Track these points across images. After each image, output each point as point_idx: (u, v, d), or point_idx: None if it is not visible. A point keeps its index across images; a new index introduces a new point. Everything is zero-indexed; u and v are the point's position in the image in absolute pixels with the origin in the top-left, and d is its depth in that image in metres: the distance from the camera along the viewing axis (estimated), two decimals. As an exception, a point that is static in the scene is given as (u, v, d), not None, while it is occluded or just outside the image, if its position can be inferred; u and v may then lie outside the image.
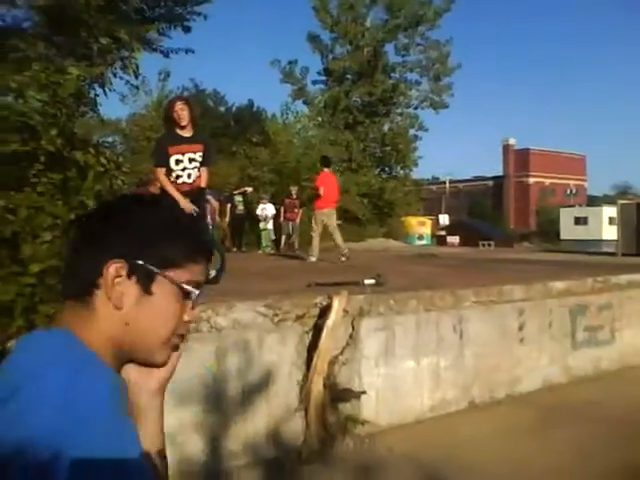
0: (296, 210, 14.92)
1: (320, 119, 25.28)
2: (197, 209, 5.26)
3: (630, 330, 7.15)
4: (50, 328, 0.92)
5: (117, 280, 0.90)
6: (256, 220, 15.12)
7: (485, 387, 5.72)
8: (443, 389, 5.42)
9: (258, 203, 15.27)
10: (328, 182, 10.49)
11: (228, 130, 22.59)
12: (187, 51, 7.74)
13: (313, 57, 28.15)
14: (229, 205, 14.73)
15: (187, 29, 7.76)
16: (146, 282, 0.92)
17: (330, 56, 27.57)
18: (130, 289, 0.91)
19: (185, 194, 5.27)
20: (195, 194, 5.35)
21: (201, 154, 5.38)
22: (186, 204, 5.13)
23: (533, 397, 5.92)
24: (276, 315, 4.68)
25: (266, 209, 15.12)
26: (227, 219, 14.63)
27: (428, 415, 5.25)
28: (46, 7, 5.31)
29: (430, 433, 4.91)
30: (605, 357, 6.85)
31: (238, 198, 15.03)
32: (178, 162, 5.29)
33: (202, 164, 5.43)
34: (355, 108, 26.92)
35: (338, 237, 10.46)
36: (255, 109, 24.22)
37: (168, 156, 5.27)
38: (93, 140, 4.85)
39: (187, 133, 5.35)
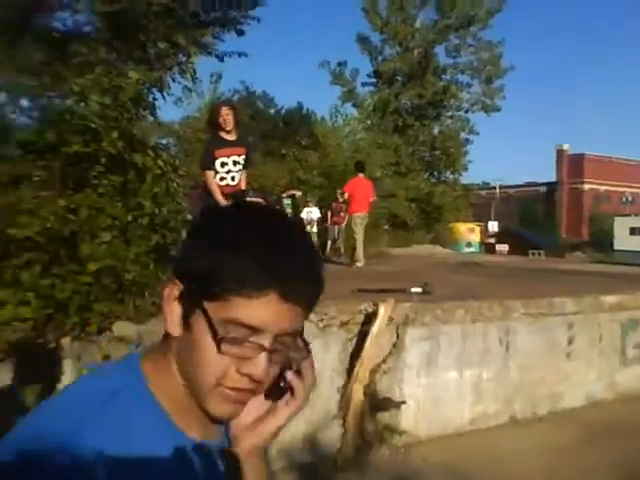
0: (342, 214, 14.82)
1: (369, 122, 25.16)
2: None
3: (685, 349, 6.88)
4: (125, 359, 0.85)
5: (170, 303, 0.78)
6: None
7: (527, 402, 5.63)
8: (485, 402, 5.37)
9: (304, 206, 15.33)
10: (359, 187, 10.56)
11: (277, 132, 22.78)
12: (240, 54, 7.89)
13: (363, 59, 28.05)
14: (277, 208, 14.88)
15: (241, 32, 7.90)
16: (187, 312, 0.76)
17: (380, 58, 27.41)
18: (175, 317, 0.78)
19: (227, 196, 5.39)
20: (237, 196, 5.46)
21: (244, 157, 5.53)
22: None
23: (577, 413, 5.79)
24: (321, 321, 4.72)
25: (312, 212, 15.16)
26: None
27: (468, 428, 5.21)
28: (108, 12, 5.50)
29: (468, 446, 4.87)
30: (656, 376, 6.63)
31: (286, 201, 15.10)
32: (223, 165, 5.44)
33: (244, 167, 5.57)
34: (404, 111, 26.68)
35: (361, 244, 10.55)
36: (304, 112, 24.32)
37: (214, 159, 5.42)
38: (151, 142, 5.01)
39: (232, 137, 5.50)
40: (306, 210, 15.26)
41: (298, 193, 15.59)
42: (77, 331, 3.62)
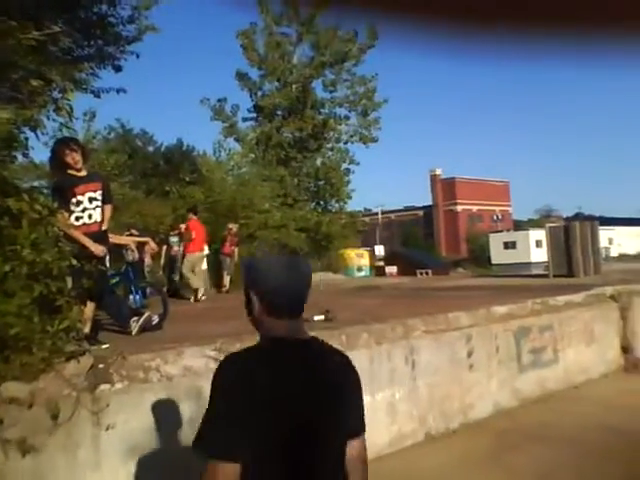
0: (233, 247, 14.74)
1: (253, 155, 25.31)
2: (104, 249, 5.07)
3: (572, 349, 7.39)
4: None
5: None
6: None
7: (440, 417, 5.73)
8: (400, 422, 5.38)
9: (193, 243, 14.95)
10: (198, 227, 12.14)
11: (158, 170, 22.13)
12: (119, 91, 7.57)
13: (242, 94, 28.29)
14: (165, 247, 14.33)
15: (118, 68, 7.61)
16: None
17: (259, 93, 27.82)
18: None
19: (90, 236, 4.98)
20: (98, 235, 5.07)
21: (101, 192, 5.11)
22: (96, 246, 4.94)
23: (486, 423, 5.97)
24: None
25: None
26: (162, 261, 14.17)
27: (387, 450, 5.17)
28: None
29: (390, 468, 4.82)
30: (551, 377, 7.03)
31: (173, 239, 14.66)
32: (79, 203, 4.99)
33: (103, 202, 5.14)
34: (287, 144, 27.15)
35: (200, 281, 11.72)
36: (185, 148, 23.92)
37: (68, 198, 4.94)
38: (24, 185, 4.59)
39: (82, 173, 5.08)
40: (194, 248, 14.85)
41: (182, 227, 15.21)
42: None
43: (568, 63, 1.04)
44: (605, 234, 35.77)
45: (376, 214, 56.89)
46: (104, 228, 5.19)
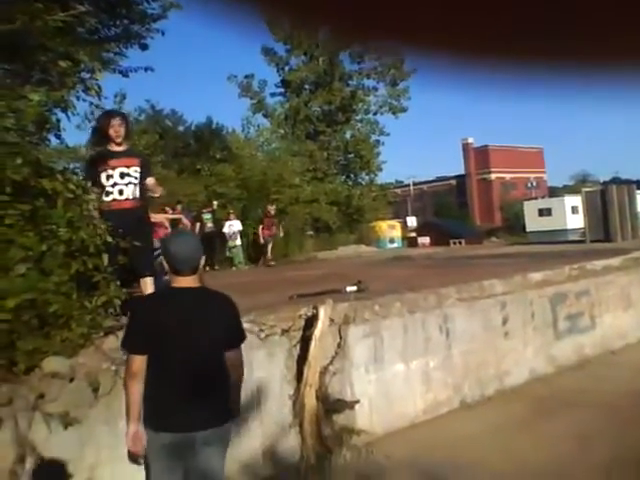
0: (273, 227, 15.00)
1: (282, 131, 25.25)
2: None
3: (609, 314, 7.27)
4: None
5: None
6: (225, 238, 14.96)
7: (475, 384, 5.73)
8: (434, 390, 5.40)
9: (226, 220, 15.09)
10: None
11: (189, 149, 22.31)
12: (147, 69, 7.58)
13: (269, 70, 28.11)
14: (198, 224, 14.54)
15: (145, 47, 7.61)
16: None
17: (286, 68, 27.63)
18: None
19: (114, 213, 4.72)
20: (130, 212, 4.81)
21: (137, 169, 4.89)
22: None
23: (522, 390, 5.95)
24: (262, 330, 4.59)
25: (233, 225, 14.94)
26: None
27: (422, 418, 5.22)
28: (1, 34, 5.14)
29: (425, 436, 4.87)
30: (587, 343, 6.95)
31: (206, 216, 14.84)
32: (109, 178, 4.78)
33: (141, 179, 4.90)
34: (315, 118, 26.97)
35: None
36: (215, 126, 24.00)
37: (98, 172, 4.77)
38: (59, 167, 4.68)
39: (121, 148, 4.92)
40: (227, 224, 14.99)
41: (215, 204, 15.36)
42: (2, 373, 3.31)
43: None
44: (645, 198, 34.72)
45: (408, 185, 56.32)
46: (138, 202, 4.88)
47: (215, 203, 15.36)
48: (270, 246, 15.00)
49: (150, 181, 5.01)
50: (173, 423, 2.52)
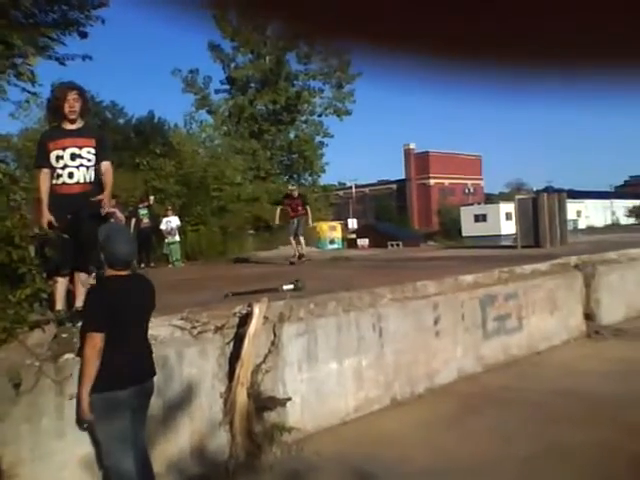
0: (299, 208, 11.94)
1: (225, 128, 25.04)
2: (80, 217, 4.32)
3: (535, 317, 7.57)
4: None
5: None
6: (162, 235, 14.58)
7: (406, 382, 5.84)
8: (366, 388, 5.47)
9: (164, 216, 14.76)
10: None
11: (129, 143, 21.71)
12: (84, 57, 7.36)
13: (215, 66, 27.84)
14: (134, 220, 14.15)
15: (84, 34, 7.39)
16: None
17: (232, 65, 27.41)
18: None
19: (64, 197, 4.33)
20: (79, 197, 4.36)
21: (91, 150, 4.40)
22: (45, 216, 4.28)
23: (451, 388, 6.12)
24: (194, 328, 4.54)
25: (171, 222, 14.62)
26: (132, 234, 14.00)
27: (353, 415, 5.28)
28: None
29: (356, 433, 4.94)
30: (514, 344, 7.21)
31: (142, 211, 14.46)
32: (58, 159, 4.34)
33: (97, 161, 4.42)
34: (260, 116, 26.91)
35: None
36: (156, 120, 23.50)
37: (48, 152, 4.33)
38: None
39: (75, 126, 4.42)
40: (165, 220, 14.67)
41: (151, 198, 14.94)
42: None
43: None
44: (573, 207, 36.42)
45: (350, 188, 56.91)
46: (105, 193, 4.43)
47: (152, 198, 15.00)
48: (301, 234, 11.93)
49: (104, 165, 4.48)
50: (131, 379, 3.25)
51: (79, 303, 4.24)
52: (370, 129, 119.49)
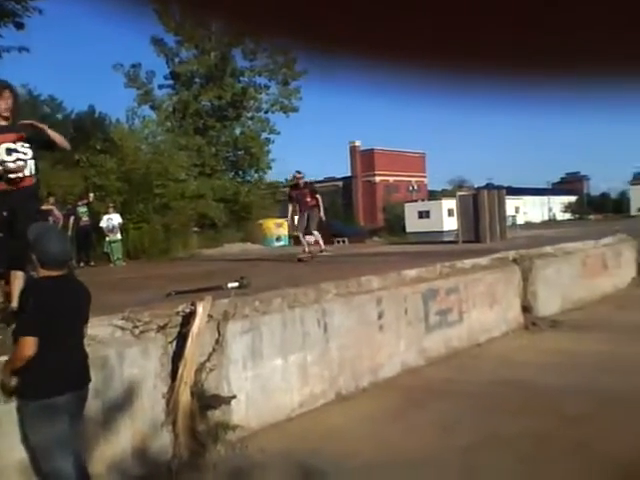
0: (308, 199, 10.57)
1: (169, 124, 24.54)
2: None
3: (475, 310, 7.80)
4: None
5: None
6: (102, 233, 14.18)
7: (350, 377, 5.91)
8: (311, 384, 5.50)
9: (104, 213, 14.36)
10: None
11: (68, 139, 21.10)
12: (21, 49, 7.09)
13: (158, 61, 27.24)
14: (72, 218, 13.70)
15: (20, 25, 7.11)
16: None
17: (176, 60, 26.87)
18: None
19: (4, 194, 4.25)
20: (17, 195, 4.29)
21: (25, 144, 4.36)
22: None
23: (395, 381, 6.23)
24: (136, 327, 4.45)
25: (112, 219, 14.24)
26: (70, 232, 13.51)
27: (298, 411, 5.30)
28: None
29: (301, 429, 4.97)
30: (455, 337, 7.41)
31: (82, 209, 14.02)
32: None
33: (34, 156, 4.39)
34: (205, 112, 26.51)
35: None
36: (97, 115, 22.82)
37: None
38: None
39: (6, 122, 4.38)
40: (106, 217, 14.28)
41: (91, 195, 14.51)
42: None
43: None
44: (512, 203, 37.64)
45: (297, 185, 56.91)
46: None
47: (92, 195, 14.56)
48: (314, 229, 10.70)
49: (54, 135, 4.47)
50: (69, 385, 3.18)
51: (15, 304, 4.09)
52: (317, 126, 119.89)
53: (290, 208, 10.84)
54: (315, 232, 10.57)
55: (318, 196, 10.66)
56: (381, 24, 0.92)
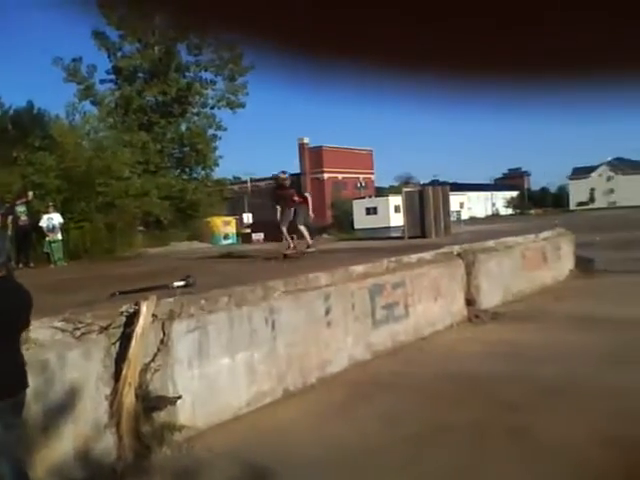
0: (295, 197, 10.21)
1: (111, 120, 23.87)
2: None
3: (421, 304, 7.95)
4: None
5: None
6: (42, 233, 13.69)
7: (298, 374, 5.93)
8: (259, 382, 5.50)
9: (44, 213, 13.86)
10: None
11: (5, 135, 20.17)
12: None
13: (100, 55, 26.45)
14: (10, 217, 13.17)
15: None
16: None
17: (119, 54, 26.17)
18: None
19: None
20: None
21: None
22: None
23: (342, 376, 6.29)
24: (77, 329, 4.34)
25: (53, 219, 13.77)
26: (10, 232, 13.01)
27: (245, 410, 5.29)
28: None
29: (248, 427, 4.96)
30: (402, 331, 7.54)
31: (20, 208, 13.49)
32: None
33: None
34: (149, 108, 25.94)
35: None
36: (36, 111, 22.00)
37: None
38: None
39: None
40: (46, 217, 13.78)
41: (30, 194, 13.99)
42: None
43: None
44: (457, 199, 38.56)
45: (245, 182, 56.54)
46: None
47: (31, 194, 14.03)
48: (301, 224, 10.23)
49: None
50: (6, 391, 3.08)
51: None
52: (265, 123, 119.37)
53: (278, 211, 10.20)
54: (301, 227, 10.22)
55: (307, 194, 10.76)
56: (332, 17, 0.93)
